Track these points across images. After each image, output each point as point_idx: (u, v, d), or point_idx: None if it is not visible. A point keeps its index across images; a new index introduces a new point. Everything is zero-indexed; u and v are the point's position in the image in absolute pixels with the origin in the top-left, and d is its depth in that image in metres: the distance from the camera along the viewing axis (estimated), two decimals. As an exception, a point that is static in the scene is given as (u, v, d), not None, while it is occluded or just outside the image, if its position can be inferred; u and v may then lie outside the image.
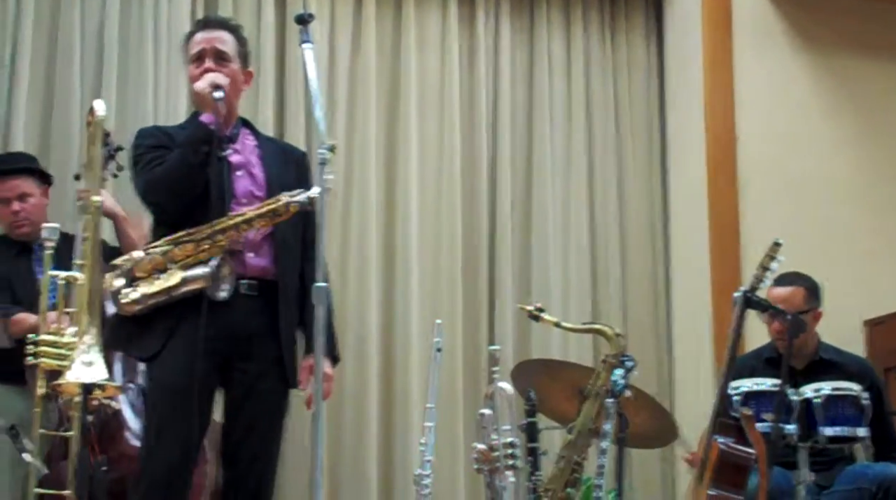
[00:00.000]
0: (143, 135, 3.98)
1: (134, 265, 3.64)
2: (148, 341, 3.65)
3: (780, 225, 5.31)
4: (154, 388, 3.70)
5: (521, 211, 6.14)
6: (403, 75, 6.02)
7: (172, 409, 3.57)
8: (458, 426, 5.69)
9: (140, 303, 3.60)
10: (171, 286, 3.58)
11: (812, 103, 6.29)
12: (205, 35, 3.92)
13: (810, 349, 4.73)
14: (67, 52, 5.45)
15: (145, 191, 3.76)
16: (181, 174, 3.65)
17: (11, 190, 4.61)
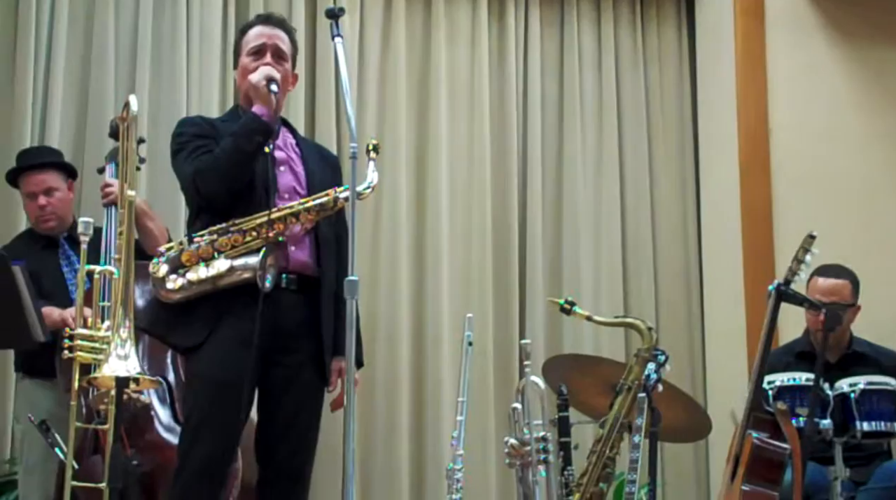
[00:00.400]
0: (187, 123, 3.99)
1: (180, 253, 3.65)
2: (189, 331, 3.65)
3: (814, 218, 5.27)
4: (196, 380, 3.69)
5: (551, 205, 6.14)
6: (433, 70, 6.02)
7: (215, 402, 3.57)
8: (490, 420, 5.70)
9: (185, 290, 3.60)
10: (218, 275, 3.58)
11: (846, 96, 6.23)
12: (267, 31, 3.93)
13: (844, 343, 4.71)
14: (102, 50, 5.49)
15: (194, 177, 3.72)
16: (233, 162, 3.65)
17: (38, 184, 4.62)
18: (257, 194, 3.70)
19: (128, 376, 3.11)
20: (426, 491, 5.61)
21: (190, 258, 3.64)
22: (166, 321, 3.69)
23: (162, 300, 3.67)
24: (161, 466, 4.10)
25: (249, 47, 3.91)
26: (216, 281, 3.60)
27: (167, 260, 3.66)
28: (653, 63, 6.45)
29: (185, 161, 3.78)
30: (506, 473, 5.32)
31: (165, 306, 3.68)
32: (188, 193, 3.85)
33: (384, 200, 5.74)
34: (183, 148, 3.81)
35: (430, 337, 5.74)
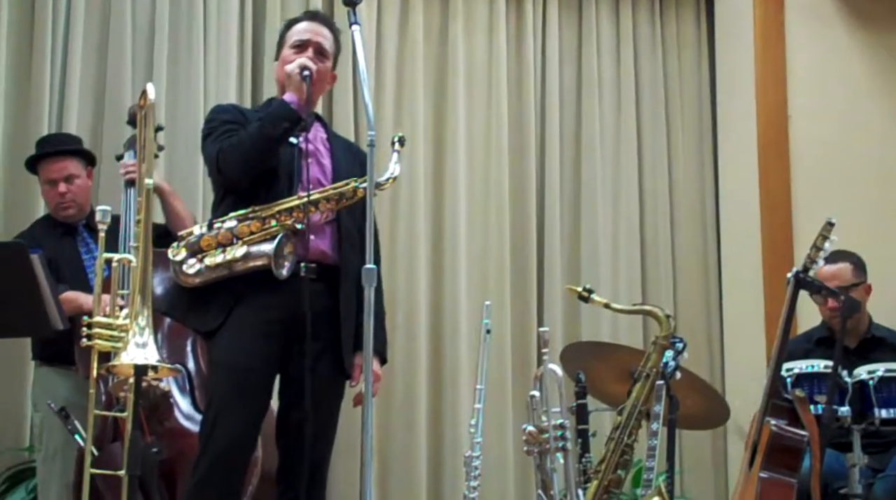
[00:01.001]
0: (219, 110, 4.04)
1: (200, 238, 3.68)
2: (207, 315, 3.68)
3: (833, 204, 5.25)
4: (216, 366, 3.72)
5: (569, 192, 6.14)
6: (451, 57, 6.02)
7: (234, 387, 3.60)
8: (508, 407, 5.71)
9: (202, 275, 3.64)
10: (234, 260, 3.61)
11: (866, 81, 6.22)
12: (312, 27, 3.96)
13: (862, 328, 4.71)
14: (119, 37, 5.49)
15: (217, 158, 3.76)
16: (257, 146, 3.68)
17: (58, 172, 4.62)
18: (281, 183, 3.72)
19: (146, 364, 3.11)
20: (444, 479, 5.62)
21: (209, 243, 3.67)
22: (185, 304, 3.74)
23: (181, 284, 3.71)
24: (180, 453, 4.11)
25: (293, 41, 3.94)
26: (231, 266, 3.62)
27: (186, 245, 3.70)
28: (671, 50, 6.44)
29: (211, 142, 3.82)
30: (524, 460, 5.33)
31: (184, 290, 3.71)
32: (212, 174, 3.89)
33: (402, 188, 5.74)
34: (212, 132, 3.85)
35: (448, 325, 5.75)
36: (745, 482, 4.14)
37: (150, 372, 3.18)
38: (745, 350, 5.89)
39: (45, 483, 4.45)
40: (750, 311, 5.89)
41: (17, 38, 5.37)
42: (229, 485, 3.62)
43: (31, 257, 3.96)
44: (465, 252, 5.83)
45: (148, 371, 3.15)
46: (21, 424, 5.10)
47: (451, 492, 5.53)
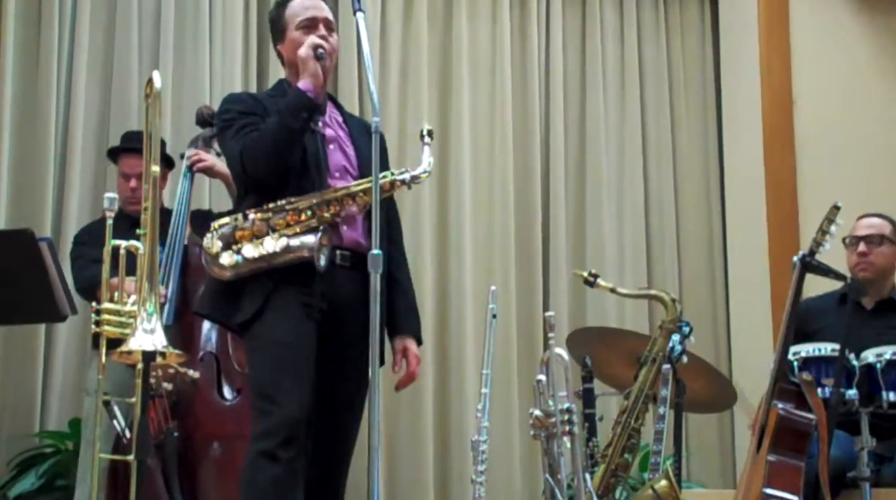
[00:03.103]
0: (232, 100, 3.88)
1: (234, 229, 3.56)
2: (243, 307, 3.54)
3: (839, 187, 5.26)
4: (261, 345, 3.54)
5: (574, 177, 6.13)
6: (455, 45, 6.01)
7: (284, 363, 3.47)
8: (514, 392, 5.71)
9: (238, 267, 3.51)
10: (274, 253, 3.50)
11: (871, 64, 6.22)
12: (313, 2, 3.79)
13: (886, 290, 4.69)
14: (126, 27, 5.49)
15: (241, 156, 3.61)
16: (280, 140, 3.55)
17: (133, 168, 4.64)
18: (310, 174, 3.62)
19: (154, 350, 3.10)
20: (451, 463, 5.62)
21: (244, 235, 3.55)
22: (221, 302, 3.60)
23: (214, 277, 3.58)
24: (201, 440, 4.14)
25: (299, 20, 3.76)
26: (272, 259, 3.51)
27: (220, 236, 3.57)
28: (675, 34, 6.43)
29: (231, 139, 3.69)
30: (531, 444, 5.33)
31: (218, 288, 3.59)
32: (235, 171, 3.77)
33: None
34: (230, 125, 3.71)
35: (454, 310, 5.75)
36: (753, 465, 4.11)
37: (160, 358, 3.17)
38: (752, 334, 5.89)
39: (83, 468, 4.43)
40: (756, 294, 5.88)
41: (25, 27, 5.37)
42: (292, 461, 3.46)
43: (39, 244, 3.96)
44: (470, 238, 5.82)
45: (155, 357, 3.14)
46: (31, 410, 5.11)
47: (458, 477, 5.52)
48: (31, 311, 4.11)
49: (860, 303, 4.56)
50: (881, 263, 4.66)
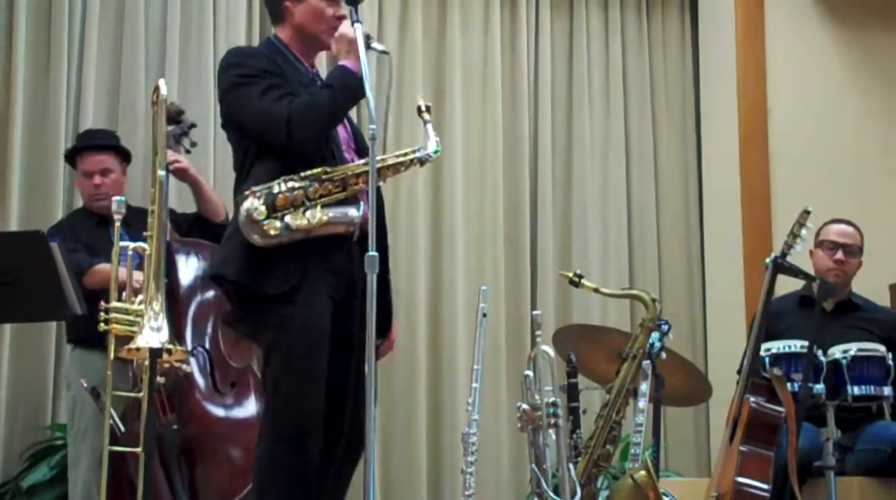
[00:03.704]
0: (246, 54, 3.64)
1: (276, 197, 3.33)
2: (277, 277, 3.32)
3: (810, 194, 5.27)
4: (295, 327, 3.33)
5: (561, 182, 6.15)
6: (448, 54, 6.03)
7: (314, 351, 3.33)
8: (503, 387, 5.74)
9: (281, 236, 3.29)
10: (320, 224, 3.32)
11: (842, 77, 6.24)
12: None
13: (845, 294, 4.73)
14: (133, 35, 5.49)
15: (290, 120, 3.35)
16: (333, 116, 3.38)
17: (95, 165, 4.63)
18: (329, 145, 3.47)
19: (161, 347, 3.11)
20: (443, 454, 5.64)
21: (285, 204, 3.32)
22: (257, 269, 3.34)
23: (245, 243, 3.33)
24: (199, 430, 4.12)
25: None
26: (312, 230, 3.33)
27: (264, 202, 3.32)
28: (657, 47, 6.44)
29: (262, 98, 3.40)
30: (518, 436, 5.35)
31: (247, 254, 3.33)
32: (267, 132, 3.42)
33: (402, 179, 5.72)
34: (251, 82, 3.43)
35: (446, 309, 5.77)
36: (726, 455, 4.15)
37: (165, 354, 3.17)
38: (727, 331, 5.90)
39: (75, 458, 4.45)
40: (731, 294, 5.91)
41: (35, 36, 5.37)
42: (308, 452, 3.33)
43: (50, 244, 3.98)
44: (462, 240, 5.85)
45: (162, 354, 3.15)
46: (43, 403, 5.11)
47: (449, 467, 5.55)
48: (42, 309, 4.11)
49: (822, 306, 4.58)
50: (852, 271, 4.73)
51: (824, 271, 4.67)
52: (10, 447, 5.04)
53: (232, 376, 4.28)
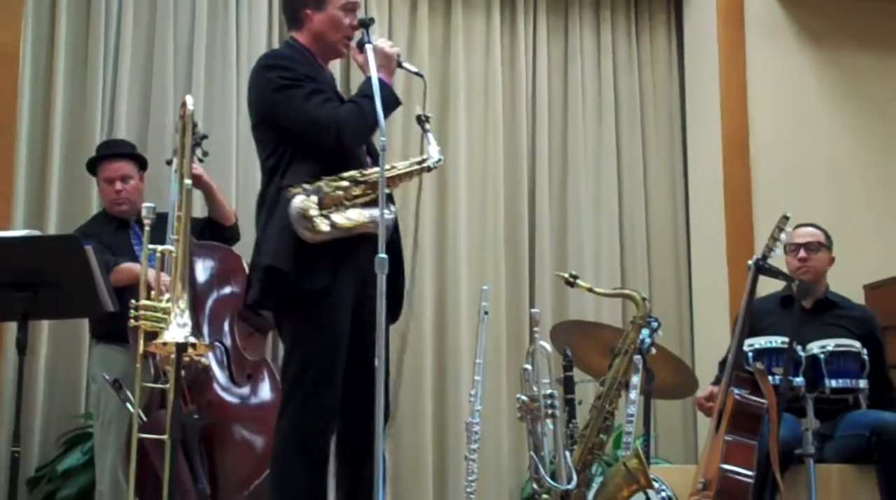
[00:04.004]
0: (286, 57, 3.53)
1: (324, 196, 3.30)
2: (314, 275, 3.29)
3: (789, 200, 5.25)
4: (322, 328, 3.32)
5: (557, 190, 6.12)
6: (453, 72, 6.01)
7: (337, 349, 3.32)
8: (503, 379, 5.70)
9: (327, 234, 3.27)
10: (362, 223, 3.30)
11: (816, 91, 6.23)
12: None
13: (820, 292, 4.70)
14: (162, 55, 5.49)
15: (342, 124, 3.33)
16: (373, 124, 3.27)
17: (115, 171, 4.63)
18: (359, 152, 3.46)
19: (186, 341, 3.09)
20: (448, 442, 5.61)
21: (329, 203, 3.30)
22: (300, 262, 3.30)
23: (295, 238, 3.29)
24: (218, 420, 4.10)
25: (346, 1, 3.52)
26: (354, 229, 3.30)
27: (317, 201, 3.29)
28: (646, 65, 6.41)
29: (307, 101, 3.37)
30: (518, 426, 5.31)
31: (293, 247, 3.29)
32: (315, 135, 3.37)
33: (411, 188, 5.73)
34: (296, 85, 3.40)
35: (451, 307, 5.74)
36: (712, 444, 4.12)
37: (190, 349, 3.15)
38: (712, 329, 5.88)
39: (101, 446, 4.45)
40: (716, 294, 5.89)
41: (74, 56, 5.39)
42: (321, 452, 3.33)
43: (85, 247, 3.96)
44: (465, 243, 5.82)
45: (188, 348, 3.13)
46: (77, 394, 5.10)
47: (453, 454, 5.52)
48: (77, 306, 4.13)
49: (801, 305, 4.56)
50: (819, 266, 4.69)
51: (794, 272, 4.65)
52: (46, 434, 5.04)
53: (248, 368, 4.26)
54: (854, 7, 6.30)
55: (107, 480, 4.36)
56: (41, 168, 5.24)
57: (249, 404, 4.17)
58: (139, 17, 5.50)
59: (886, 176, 6.21)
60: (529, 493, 5.37)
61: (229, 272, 4.42)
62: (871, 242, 5.89)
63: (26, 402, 4.53)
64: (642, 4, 6.44)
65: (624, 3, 6.39)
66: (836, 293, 4.76)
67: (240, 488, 3.99)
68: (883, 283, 5.70)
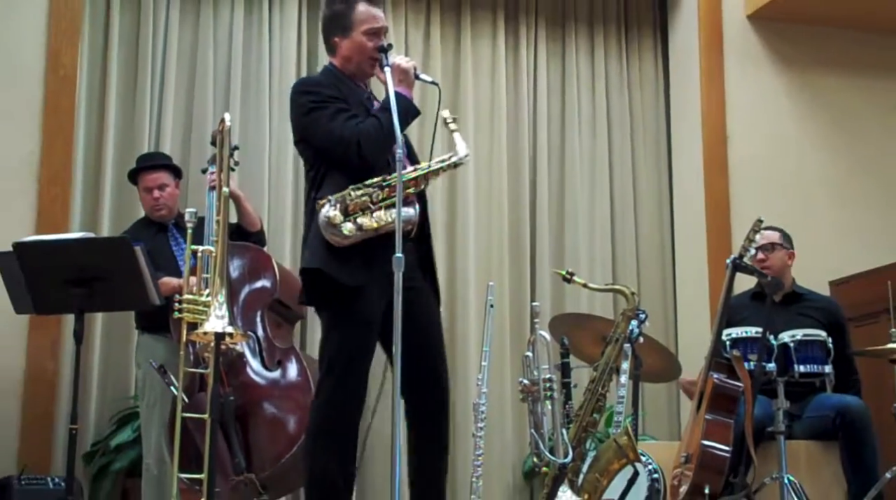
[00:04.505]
0: (314, 83, 3.55)
1: (347, 204, 3.29)
2: (353, 271, 3.28)
3: (763, 206, 5.21)
4: (358, 321, 3.31)
5: (555, 197, 6.10)
6: (462, 93, 5.99)
7: (367, 339, 3.31)
8: (507, 365, 5.68)
9: (354, 236, 3.27)
10: (384, 225, 3.27)
11: (789, 111, 6.22)
12: (377, 12, 3.52)
13: (787, 286, 4.68)
14: (203, 77, 5.51)
15: (360, 139, 3.32)
16: (392, 135, 3.21)
17: (153, 181, 4.62)
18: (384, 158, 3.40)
19: (224, 331, 3.09)
20: (457, 422, 5.55)
21: (355, 208, 3.29)
22: (337, 261, 3.29)
23: (329, 242, 3.29)
24: (251, 401, 4.09)
25: (369, 27, 3.48)
26: (380, 229, 3.28)
27: (340, 208, 3.29)
28: (635, 87, 6.38)
29: (332, 121, 3.36)
30: (520, 406, 5.31)
31: (329, 250, 3.29)
32: (340, 151, 3.35)
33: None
34: (322, 107, 3.39)
35: (460, 301, 5.72)
36: (694, 422, 4.11)
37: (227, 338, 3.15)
38: (694, 320, 5.86)
39: (147, 425, 4.46)
40: (698, 289, 5.87)
41: (125, 77, 5.41)
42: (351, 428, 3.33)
43: (134, 248, 3.97)
44: (472, 244, 5.80)
45: (225, 337, 3.13)
46: (127, 378, 5.11)
47: (462, 432, 5.47)
48: (127, 300, 4.15)
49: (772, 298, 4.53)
50: (777, 264, 4.66)
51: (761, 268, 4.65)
52: (101, 413, 5.06)
53: (278, 355, 4.25)
54: (823, 35, 6.28)
55: (153, 454, 4.36)
56: (95, 177, 5.26)
57: (279, 387, 4.16)
58: (182, 43, 5.52)
59: (849, 186, 6.18)
60: (530, 466, 5.39)
61: (260, 269, 4.42)
62: (834, 244, 5.88)
63: (83, 385, 4.56)
64: (632, 33, 6.40)
65: (615, 32, 6.36)
66: (802, 287, 4.74)
67: (271, 461, 3.98)
68: (846, 279, 5.68)
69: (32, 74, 5.09)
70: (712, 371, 4.08)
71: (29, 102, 5.07)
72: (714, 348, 4.14)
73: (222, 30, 5.58)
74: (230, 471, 3.92)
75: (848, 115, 6.28)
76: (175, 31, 5.48)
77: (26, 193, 5.00)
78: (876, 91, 6.33)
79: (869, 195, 6.18)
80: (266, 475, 3.91)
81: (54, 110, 5.09)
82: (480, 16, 6.10)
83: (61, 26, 5.14)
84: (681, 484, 3.95)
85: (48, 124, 5.08)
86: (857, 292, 5.49)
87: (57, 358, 4.94)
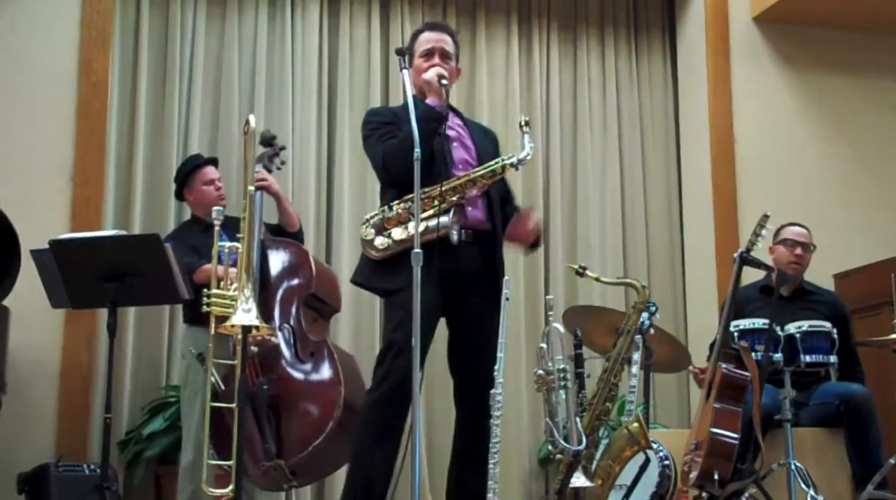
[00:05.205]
0: (374, 113, 3.77)
1: (383, 219, 3.46)
2: (395, 277, 3.41)
3: (768, 202, 5.19)
4: (399, 312, 3.39)
5: (568, 195, 6.10)
6: (477, 94, 5.98)
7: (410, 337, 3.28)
8: (523, 356, 5.68)
9: (390, 249, 3.42)
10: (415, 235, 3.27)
11: (793, 111, 6.20)
12: (434, 35, 3.65)
13: (797, 283, 4.67)
14: (229, 80, 5.52)
15: (384, 158, 3.47)
16: (410, 151, 3.21)
17: (215, 173, 4.69)
18: (437, 167, 3.46)
19: (250, 324, 3.10)
20: (475, 410, 5.59)
21: (391, 222, 3.44)
22: (377, 275, 3.51)
23: (370, 258, 3.51)
24: (284, 390, 4.09)
25: (421, 50, 3.63)
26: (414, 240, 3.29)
27: (372, 225, 3.48)
28: (644, 88, 6.37)
29: (374, 145, 3.54)
30: (535, 396, 5.31)
31: (371, 263, 3.51)
32: (379, 171, 3.59)
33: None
34: (373, 134, 3.57)
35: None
36: (703, 411, 4.10)
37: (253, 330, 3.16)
38: (703, 312, 5.84)
39: (188, 413, 4.44)
40: (706, 282, 5.86)
41: (154, 82, 5.43)
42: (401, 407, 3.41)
43: (165, 245, 3.99)
44: (489, 240, 5.80)
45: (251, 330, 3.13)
46: (159, 369, 5.14)
47: (480, 420, 5.51)
48: (158, 294, 4.17)
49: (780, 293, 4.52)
50: (807, 264, 4.68)
51: (785, 264, 4.62)
52: (134, 403, 5.08)
53: (311, 348, 4.24)
54: (825, 37, 6.26)
55: (192, 439, 4.36)
56: (127, 177, 5.27)
57: (311, 378, 4.16)
58: (209, 48, 5.53)
59: (852, 183, 6.17)
60: (545, 453, 5.40)
61: (298, 265, 4.40)
62: (838, 238, 5.82)
63: (116, 376, 4.58)
64: (641, 36, 6.39)
65: (625, 34, 6.35)
66: (810, 282, 4.74)
67: (301, 447, 3.97)
68: (849, 272, 5.68)
69: (66, 81, 5.12)
70: (721, 361, 4.07)
71: (63, 107, 5.11)
72: (723, 339, 4.13)
73: (247, 35, 5.60)
74: (262, 457, 3.93)
75: (850, 114, 6.26)
76: (202, 37, 5.50)
77: (61, 193, 5.04)
78: (878, 91, 6.31)
79: (871, 192, 6.16)
80: (294, 461, 3.91)
81: (87, 115, 5.12)
82: (494, 19, 6.10)
83: (92, 35, 5.17)
84: (691, 470, 3.95)
85: (81, 128, 5.11)
86: (860, 285, 5.48)
87: (91, 351, 4.97)
